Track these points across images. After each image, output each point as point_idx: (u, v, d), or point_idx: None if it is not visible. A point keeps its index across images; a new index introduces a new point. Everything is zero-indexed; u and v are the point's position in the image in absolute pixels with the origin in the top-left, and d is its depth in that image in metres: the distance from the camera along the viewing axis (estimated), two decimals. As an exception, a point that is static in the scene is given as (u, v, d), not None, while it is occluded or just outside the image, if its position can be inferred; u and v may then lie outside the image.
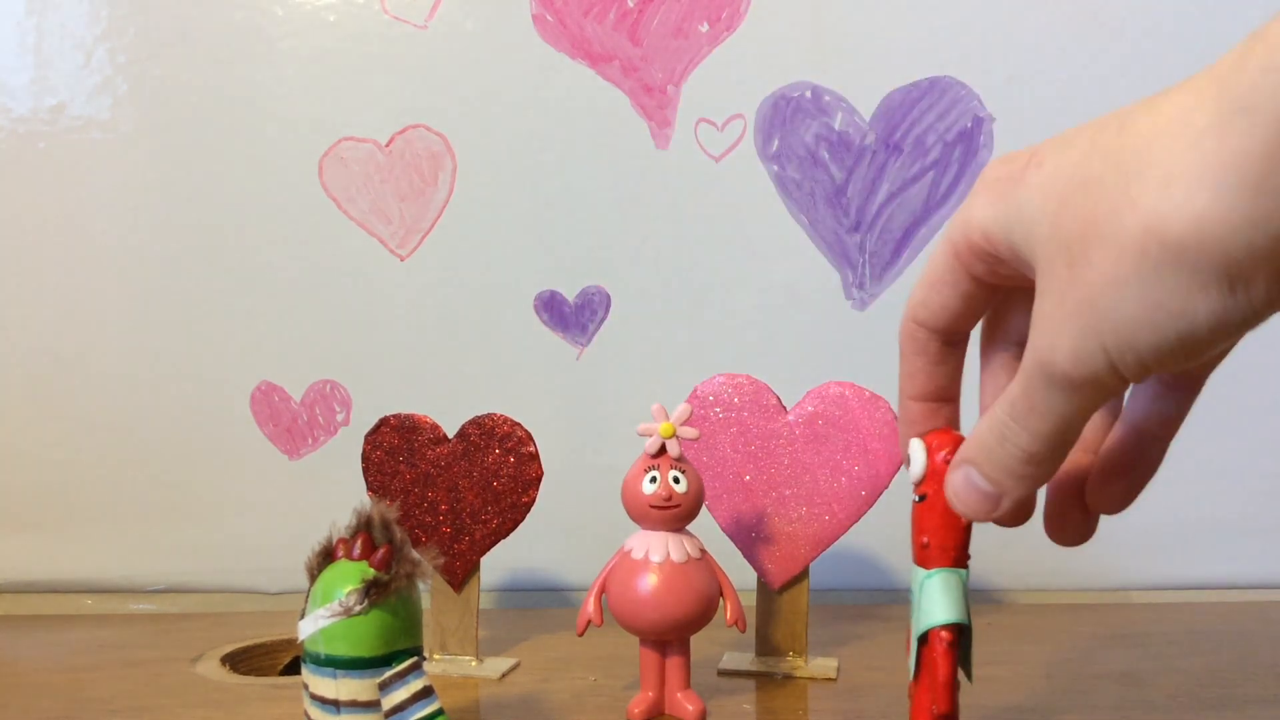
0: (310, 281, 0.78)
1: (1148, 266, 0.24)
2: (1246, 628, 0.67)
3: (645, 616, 0.49)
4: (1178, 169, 0.24)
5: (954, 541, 0.35)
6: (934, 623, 0.35)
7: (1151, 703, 0.53)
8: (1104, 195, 0.25)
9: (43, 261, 0.78)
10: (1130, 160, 0.25)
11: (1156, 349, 0.25)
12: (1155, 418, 0.34)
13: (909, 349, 0.35)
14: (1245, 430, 0.76)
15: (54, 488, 0.79)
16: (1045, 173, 0.28)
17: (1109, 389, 0.27)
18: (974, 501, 0.32)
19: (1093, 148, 0.26)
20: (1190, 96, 0.24)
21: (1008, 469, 0.31)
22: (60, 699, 0.55)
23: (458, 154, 0.77)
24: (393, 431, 0.60)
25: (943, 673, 0.35)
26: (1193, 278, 0.24)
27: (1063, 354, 0.27)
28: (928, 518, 0.35)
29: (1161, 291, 0.24)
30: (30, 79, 0.77)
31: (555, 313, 0.78)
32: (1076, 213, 0.26)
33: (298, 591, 0.44)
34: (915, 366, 0.35)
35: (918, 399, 0.35)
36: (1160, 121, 0.25)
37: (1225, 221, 0.23)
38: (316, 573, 0.42)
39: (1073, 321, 0.26)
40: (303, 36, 0.77)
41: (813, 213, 0.76)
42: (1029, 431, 0.29)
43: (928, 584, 0.36)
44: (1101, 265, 0.25)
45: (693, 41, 0.76)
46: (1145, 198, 0.24)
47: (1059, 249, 0.27)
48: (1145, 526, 0.77)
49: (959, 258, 0.31)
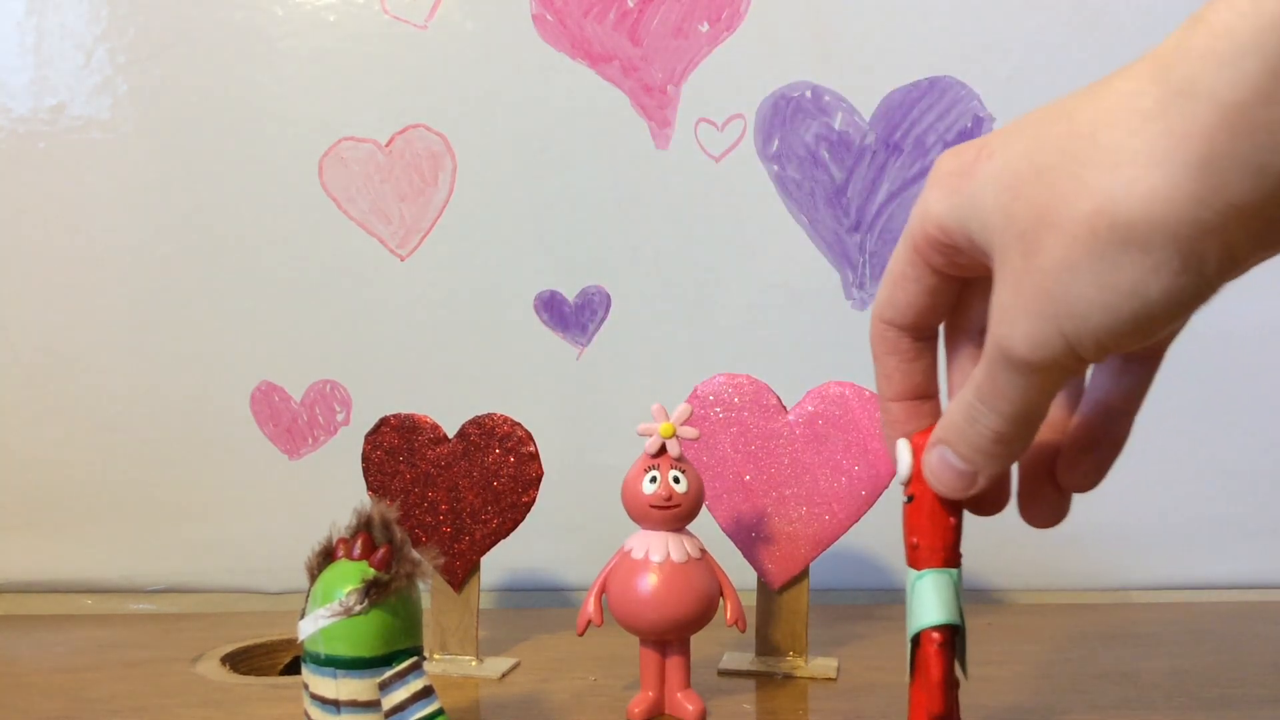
0: (310, 281, 0.78)
1: (1099, 248, 0.25)
2: (1246, 628, 0.67)
3: (645, 616, 0.49)
4: (1125, 152, 0.24)
5: (942, 541, 0.35)
6: (924, 624, 0.35)
7: (1151, 703, 0.53)
8: (1055, 182, 0.26)
9: (43, 261, 0.78)
10: (1078, 147, 0.26)
11: (1112, 329, 0.26)
12: (1118, 393, 0.34)
13: (881, 350, 0.35)
14: (1245, 430, 0.76)
15: (54, 488, 0.79)
16: (996, 164, 0.28)
17: (1069, 371, 0.28)
18: (950, 479, 0.33)
19: (1041, 137, 0.27)
20: (1133, 82, 0.25)
21: (979, 448, 0.32)
22: (60, 699, 0.55)
23: (458, 154, 0.77)
24: (393, 431, 0.60)
25: (935, 673, 0.35)
26: (1144, 256, 0.25)
27: (1021, 340, 0.28)
28: (916, 518, 0.35)
29: (1114, 272, 0.25)
30: (30, 79, 0.77)
31: (555, 313, 0.78)
32: (1029, 201, 0.27)
33: (298, 591, 0.44)
34: (890, 367, 0.35)
35: (897, 399, 0.35)
36: (1106, 108, 0.25)
37: (1173, 200, 0.24)
38: (316, 573, 0.42)
39: (1029, 308, 0.27)
40: (303, 36, 0.77)
41: (813, 213, 0.77)
42: (995, 413, 0.30)
43: (918, 585, 0.36)
44: (1054, 251, 0.26)
45: (693, 41, 0.76)
46: (1095, 181, 0.25)
47: (1014, 238, 0.27)
48: (1145, 526, 0.77)
49: (919, 252, 0.32)
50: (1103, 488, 0.85)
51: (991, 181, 0.28)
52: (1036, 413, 0.30)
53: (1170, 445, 0.77)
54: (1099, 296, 0.26)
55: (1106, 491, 0.85)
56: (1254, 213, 0.23)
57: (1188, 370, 0.76)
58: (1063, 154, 0.26)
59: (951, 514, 0.35)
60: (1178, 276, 0.25)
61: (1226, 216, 0.23)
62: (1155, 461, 0.77)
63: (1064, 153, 0.26)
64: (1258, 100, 0.22)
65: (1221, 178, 0.23)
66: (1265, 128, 0.22)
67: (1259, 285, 0.78)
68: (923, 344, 0.35)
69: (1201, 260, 0.24)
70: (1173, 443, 0.77)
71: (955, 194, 0.29)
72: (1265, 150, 0.22)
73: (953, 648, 0.36)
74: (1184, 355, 0.83)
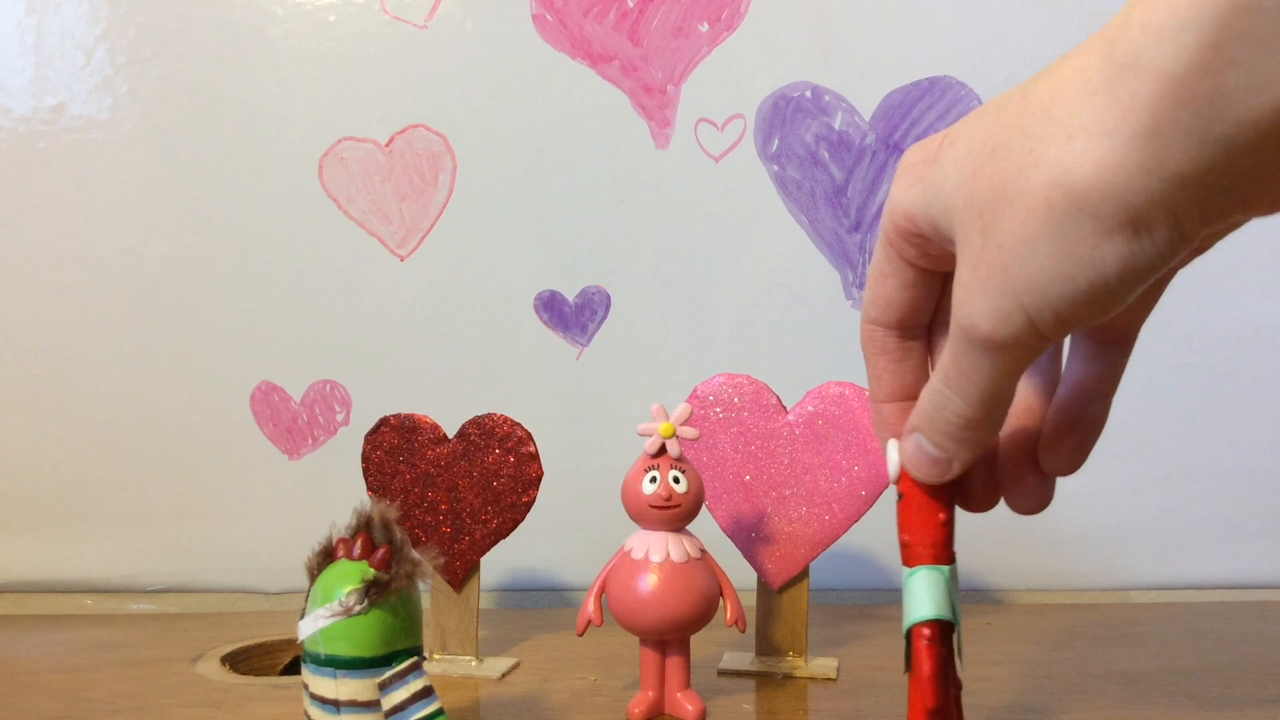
0: (310, 281, 0.78)
1: (1054, 219, 0.26)
2: (1246, 628, 0.67)
3: (645, 616, 0.49)
4: (1076, 124, 0.25)
5: (933, 538, 0.35)
6: (915, 619, 0.35)
7: (1151, 703, 0.53)
8: (1010, 158, 0.27)
9: (42, 261, 0.78)
10: (1033, 123, 0.26)
11: (1071, 301, 0.26)
12: (1094, 376, 0.35)
13: (870, 350, 0.36)
14: (1245, 430, 0.76)
15: (54, 488, 0.79)
16: (958, 150, 0.29)
17: (1031, 348, 0.28)
18: (925, 466, 0.34)
19: (999, 117, 0.28)
20: (1083, 58, 0.26)
21: (949, 434, 0.32)
22: (60, 699, 0.55)
23: (458, 154, 0.77)
24: (393, 431, 0.60)
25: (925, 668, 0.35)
26: (1098, 224, 0.25)
27: (983, 318, 0.28)
28: (907, 515, 0.36)
29: (1070, 241, 0.26)
30: (30, 79, 0.77)
31: (555, 313, 0.78)
32: (986, 179, 0.27)
33: (298, 591, 0.44)
34: (880, 367, 0.35)
35: (889, 400, 0.36)
36: (1058, 84, 0.26)
37: (1123, 169, 0.24)
38: (316, 573, 0.42)
39: (989, 285, 0.28)
40: (303, 36, 0.77)
41: (813, 213, 0.77)
42: (962, 397, 0.31)
43: (910, 582, 0.36)
44: (1011, 226, 0.27)
45: (693, 41, 0.76)
46: (1047, 153, 0.26)
47: (973, 217, 0.28)
48: (1145, 526, 0.77)
49: (892, 245, 0.32)
50: (1103, 488, 0.85)
51: (953, 166, 0.29)
52: (1002, 396, 0.31)
53: (1170, 445, 0.77)
54: (1056, 268, 0.26)
55: (1106, 491, 0.86)
56: (1198, 181, 0.24)
57: (1188, 370, 0.76)
58: (1019, 130, 0.27)
59: (942, 511, 0.35)
60: (1130, 244, 0.25)
61: (1172, 185, 0.24)
62: (1155, 461, 0.77)
63: (1020, 129, 0.27)
64: (1197, 71, 0.23)
65: (1166, 147, 0.24)
66: (1205, 97, 0.23)
67: (1259, 285, 0.78)
68: (910, 343, 0.35)
69: (1151, 229, 0.25)
70: (1172, 443, 0.77)
71: (920, 183, 0.30)
72: (1206, 119, 0.23)
73: (945, 643, 0.36)
74: (1184, 355, 0.83)
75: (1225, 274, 0.75)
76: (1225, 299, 0.76)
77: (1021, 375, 0.30)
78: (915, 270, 0.33)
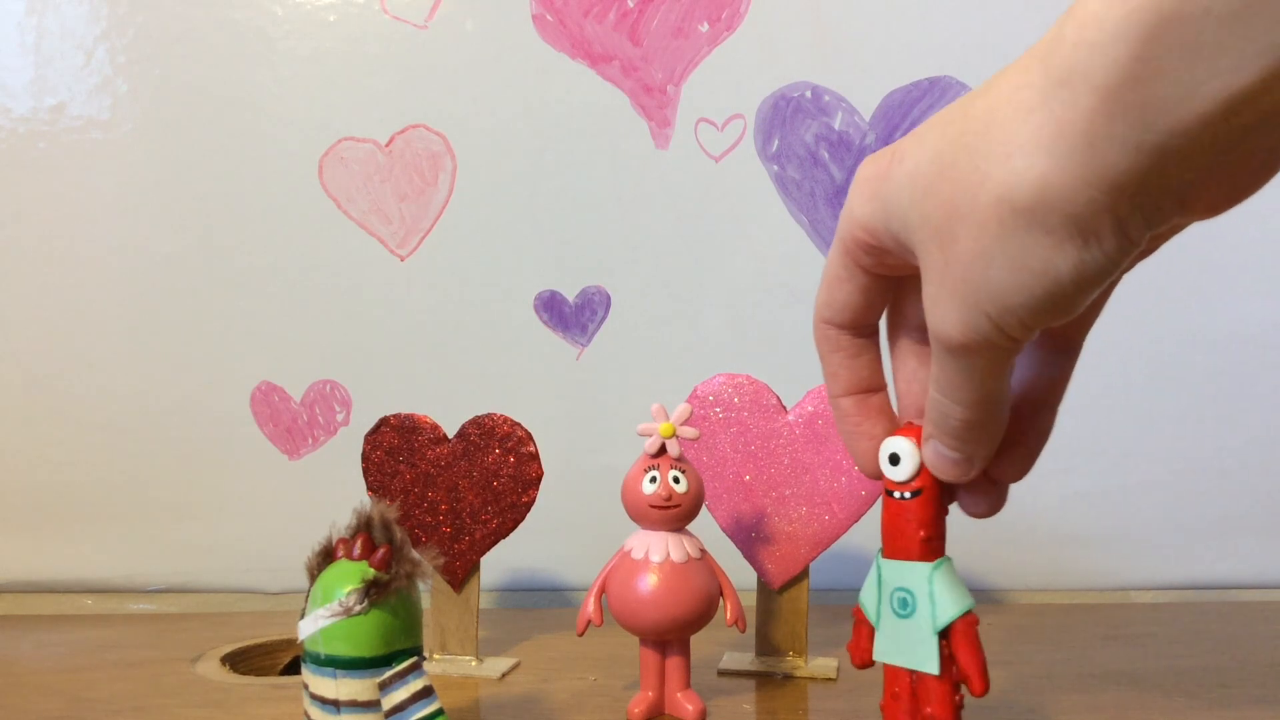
0: (310, 281, 0.78)
1: (1006, 234, 0.27)
2: (1246, 628, 0.67)
3: (645, 616, 0.49)
4: (1015, 141, 0.26)
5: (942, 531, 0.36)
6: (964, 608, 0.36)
7: (1151, 703, 0.53)
8: (958, 177, 0.28)
9: (43, 261, 0.78)
10: (975, 141, 0.27)
11: (1031, 308, 0.28)
12: (1041, 385, 0.35)
13: (825, 349, 0.37)
14: (1245, 430, 0.76)
15: (54, 488, 0.79)
16: (907, 167, 0.30)
17: (1006, 350, 0.30)
18: (949, 469, 0.34)
19: (944, 136, 0.29)
20: (1019, 75, 0.27)
21: (959, 437, 0.33)
22: (60, 699, 0.55)
23: (458, 154, 0.77)
24: (393, 431, 0.60)
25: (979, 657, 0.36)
26: (1047, 237, 0.26)
27: (953, 328, 0.29)
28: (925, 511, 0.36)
29: (1023, 254, 0.27)
30: (30, 79, 0.77)
31: (555, 313, 0.78)
32: (939, 198, 0.28)
33: (298, 591, 0.44)
34: (835, 364, 0.37)
35: (845, 394, 0.37)
36: (996, 101, 0.27)
37: (1063, 184, 0.25)
38: (316, 573, 0.42)
39: (954, 297, 0.29)
40: (303, 36, 0.77)
41: (813, 213, 0.77)
42: (958, 403, 0.32)
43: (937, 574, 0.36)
44: (967, 241, 0.28)
45: (693, 41, 0.76)
46: (993, 172, 0.27)
47: (930, 234, 0.29)
48: (1145, 526, 0.77)
49: (850, 254, 0.34)
50: (1103, 488, 0.85)
51: (905, 183, 0.30)
52: (995, 395, 0.32)
53: (1170, 445, 0.77)
54: (1014, 278, 0.27)
55: (1106, 491, 0.86)
56: (1136, 189, 0.25)
57: (1188, 370, 0.76)
58: (963, 149, 0.27)
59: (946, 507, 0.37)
60: (1080, 252, 0.26)
61: (1113, 194, 0.25)
62: (1155, 461, 0.77)
63: (964, 148, 0.27)
64: (1128, 84, 0.24)
65: (1103, 158, 0.24)
66: (1136, 108, 0.24)
67: (1259, 285, 0.78)
68: (863, 340, 0.36)
69: (1099, 236, 0.26)
70: (1173, 443, 0.77)
71: (875, 198, 0.31)
72: (1139, 129, 0.24)
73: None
74: (1185, 355, 0.83)
75: (1225, 274, 0.75)
76: (1225, 299, 0.76)
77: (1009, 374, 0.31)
78: (870, 276, 0.34)
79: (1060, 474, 0.76)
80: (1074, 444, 0.76)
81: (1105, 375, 0.76)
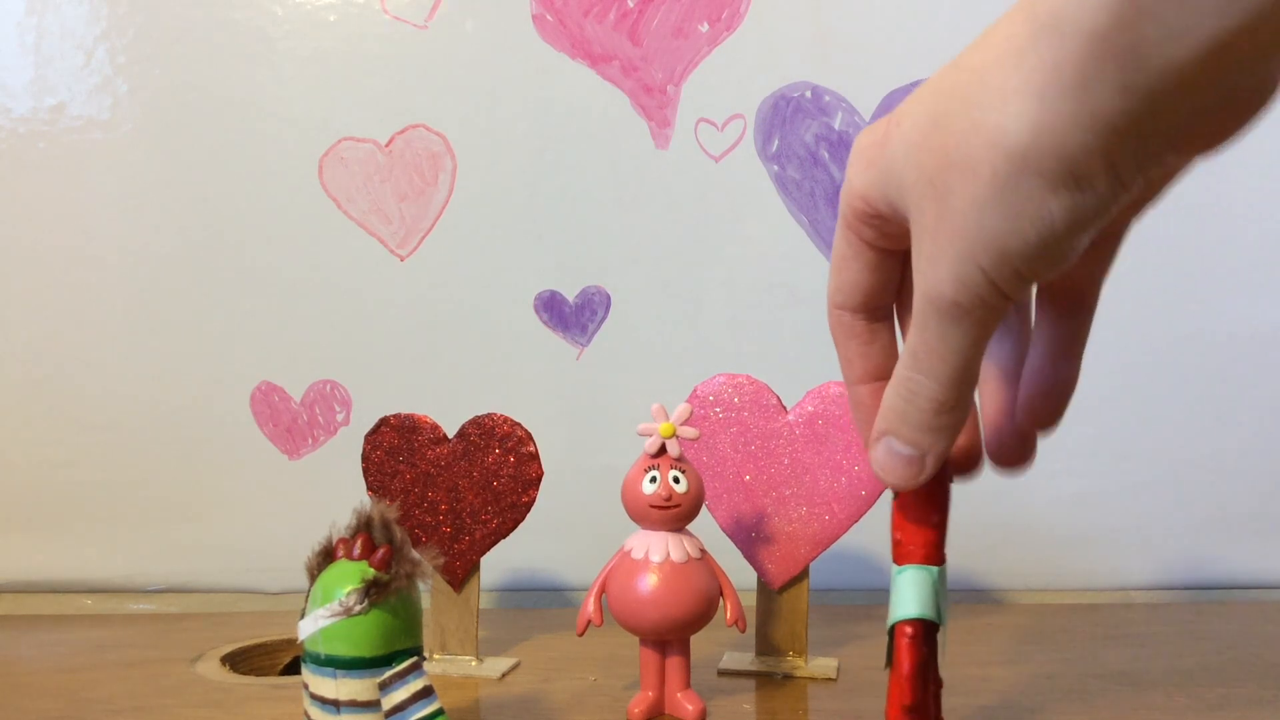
0: (310, 281, 0.78)
1: (1000, 181, 0.27)
2: (1246, 628, 0.67)
3: (645, 616, 0.49)
4: (1009, 87, 0.26)
5: (924, 538, 0.36)
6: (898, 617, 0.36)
7: (1151, 703, 0.53)
8: (951, 127, 0.28)
9: (42, 261, 0.78)
10: (968, 91, 0.27)
11: (1025, 255, 0.28)
12: (1062, 340, 0.36)
13: (839, 335, 0.37)
14: (1245, 430, 0.76)
15: (54, 488, 0.79)
16: (905, 127, 0.30)
17: (995, 309, 0.29)
18: (898, 469, 0.34)
19: (939, 88, 0.29)
20: (1007, 25, 0.27)
21: (922, 425, 0.32)
22: (60, 699, 0.55)
23: (458, 154, 0.77)
24: (393, 431, 0.60)
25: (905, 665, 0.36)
26: (1041, 181, 0.26)
27: (946, 283, 0.29)
28: (901, 514, 0.36)
29: (1018, 199, 0.27)
30: (30, 79, 0.77)
31: (555, 313, 0.78)
32: (933, 150, 0.28)
33: (298, 591, 0.44)
34: (850, 351, 0.37)
35: (861, 382, 0.37)
36: (988, 51, 0.27)
37: (1057, 126, 0.25)
38: (316, 573, 0.42)
39: (948, 251, 0.29)
40: (303, 36, 0.77)
41: (813, 213, 0.77)
42: (933, 378, 0.31)
43: (898, 580, 0.36)
44: (963, 190, 0.28)
45: (693, 41, 0.76)
46: (986, 119, 0.27)
47: (925, 188, 0.29)
48: (1145, 526, 0.77)
49: (851, 229, 0.33)
50: (1103, 488, 0.85)
51: (902, 143, 0.30)
52: (970, 371, 0.31)
53: (1170, 446, 0.77)
54: (1009, 225, 0.27)
55: (1106, 491, 0.86)
56: (1128, 129, 0.25)
57: (1188, 370, 0.76)
58: (957, 99, 0.28)
59: (935, 511, 0.36)
60: (1074, 195, 0.26)
61: (1105, 135, 0.25)
62: (1155, 461, 0.77)
63: (958, 98, 0.28)
64: (1115, 27, 0.24)
65: (1095, 100, 0.25)
66: (1125, 50, 0.24)
67: (1259, 285, 0.78)
68: (877, 325, 0.36)
69: (1092, 179, 0.26)
70: (1173, 443, 0.77)
71: (872, 165, 0.31)
72: (1128, 71, 0.24)
73: (927, 642, 0.36)
74: (1185, 356, 0.83)
75: (1225, 274, 0.75)
76: (1225, 299, 0.76)
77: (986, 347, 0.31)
78: (875, 252, 0.34)
79: (1060, 474, 0.76)
80: (1074, 444, 0.76)
81: (1105, 375, 0.76)
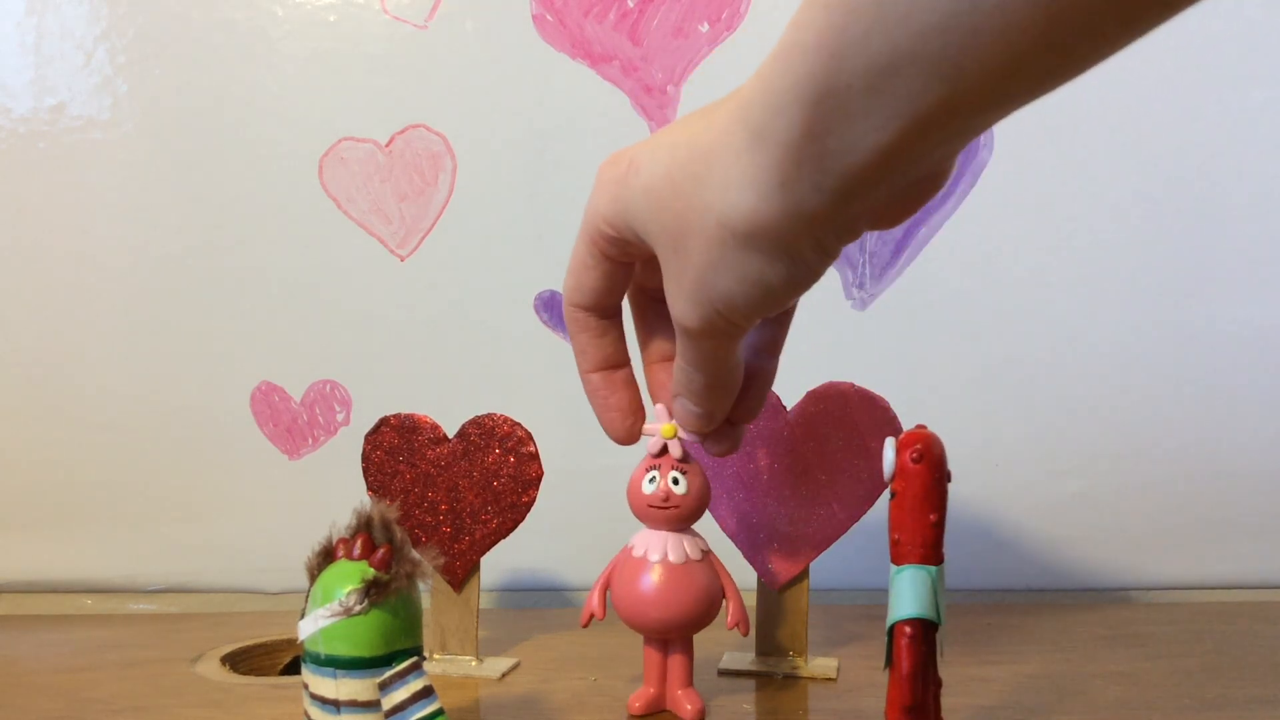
0: (310, 281, 0.78)
1: (728, 251, 0.33)
2: (1246, 628, 0.67)
3: (646, 615, 0.49)
4: (731, 178, 0.31)
5: (922, 538, 0.36)
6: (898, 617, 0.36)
7: (1151, 703, 0.53)
8: (688, 200, 0.33)
9: (42, 261, 0.78)
10: (700, 170, 0.33)
11: (751, 306, 0.34)
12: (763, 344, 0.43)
13: (574, 329, 0.43)
14: (1245, 430, 0.76)
15: (54, 488, 0.79)
16: (643, 180, 0.36)
17: (735, 333, 0.37)
18: (694, 421, 0.42)
19: (674, 159, 0.34)
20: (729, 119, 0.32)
21: (700, 395, 0.41)
22: (60, 699, 0.55)
23: (458, 154, 0.77)
24: (393, 431, 0.60)
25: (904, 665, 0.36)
26: (760, 255, 0.32)
27: (690, 319, 0.36)
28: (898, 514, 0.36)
29: (743, 267, 0.33)
30: (30, 79, 0.77)
31: (555, 313, 0.78)
32: (672, 214, 0.34)
33: (298, 591, 0.44)
34: (583, 343, 0.43)
35: (594, 370, 0.44)
36: (715, 138, 0.32)
37: (769, 215, 0.31)
38: (316, 573, 0.42)
39: (689, 295, 0.35)
40: (303, 36, 0.77)
41: (813, 213, 0.76)
42: (699, 371, 0.39)
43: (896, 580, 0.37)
44: (697, 253, 0.34)
45: (693, 41, 0.76)
46: (715, 201, 0.32)
47: (667, 241, 0.35)
48: (1146, 526, 0.77)
49: (595, 244, 0.40)
50: (1103, 488, 0.85)
51: (641, 194, 0.36)
52: (728, 363, 0.39)
53: (1170, 445, 0.77)
54: (736, 285, 0.33)
55: (1106, 491, 0.85)
56: (826, 218, 0.30)
57: (1188, 370, 0.76)
58: (690, 177, 0.33)
59: (933, 512, 0.36)
60: (787, 267, 0.32)
61: (808, 222, 0.31)
62: (1155, 461, 0.77)
63: (691, 176, 0.33)
64: (805, 139, 0.28)
65: (796, 196, 0.30)
66: (815, 159, 0.29)
67: (1259, 285, 0.78)
68: (608, 321, 0.43)
69: (800, 254, 0.32)
70: (1173, 443, 0.77)
71: (616, 200, 0.37)
72: (819, 174, 0.29)
73: (926, 641, 0.36)
74: (1185, 356, 0.83)
75: (1225, 274, 0.75)
76: (1225, 299, 0.76)
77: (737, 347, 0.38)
78: (612, 263, 0.40)
79: (1060, 475, 0.76)
80: (1073, 445, 0.76)
81: (1105, 376, 0.76)
